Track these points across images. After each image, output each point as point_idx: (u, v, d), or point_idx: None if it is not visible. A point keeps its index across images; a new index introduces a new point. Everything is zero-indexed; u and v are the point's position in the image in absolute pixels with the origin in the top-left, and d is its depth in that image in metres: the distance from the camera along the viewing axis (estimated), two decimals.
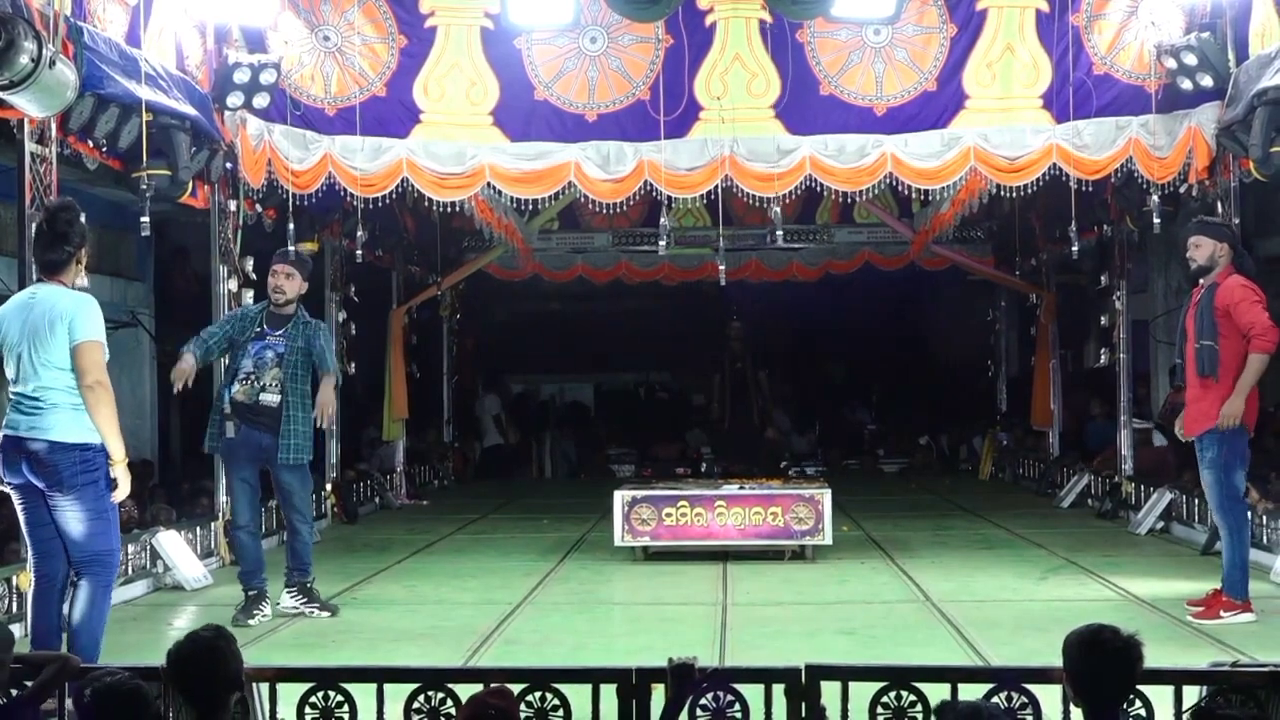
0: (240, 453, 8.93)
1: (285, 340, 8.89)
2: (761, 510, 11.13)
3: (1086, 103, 11.20)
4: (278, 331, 8.93)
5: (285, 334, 8.93)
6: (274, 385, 8.83)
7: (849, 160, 11.37)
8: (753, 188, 11.50)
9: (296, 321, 9.00)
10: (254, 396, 8.82)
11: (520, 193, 11.74)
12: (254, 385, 8.81)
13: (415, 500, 16.90)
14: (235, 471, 9.00)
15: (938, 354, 23.28)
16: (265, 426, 8.84)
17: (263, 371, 8.85)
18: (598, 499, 13.81)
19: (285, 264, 9.11)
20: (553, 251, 19.12)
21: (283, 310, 9.01)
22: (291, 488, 8.99)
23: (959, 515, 14.72)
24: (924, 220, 16.58)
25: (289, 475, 8.95)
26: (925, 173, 11.40)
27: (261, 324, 8.96)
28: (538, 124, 11.49)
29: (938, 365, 23.19)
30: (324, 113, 11.47)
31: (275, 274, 9.06)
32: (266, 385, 8.82)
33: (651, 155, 11.36)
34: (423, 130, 11.46)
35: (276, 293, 9.01)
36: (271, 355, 8.87)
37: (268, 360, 8.86)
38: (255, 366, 8.86)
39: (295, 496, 9.01)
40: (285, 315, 9.01)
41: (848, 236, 18.91)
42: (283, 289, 8.98)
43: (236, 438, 8.87)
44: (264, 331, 8.93)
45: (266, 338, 8.91)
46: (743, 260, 18.82)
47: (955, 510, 15.21)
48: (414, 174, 11.42)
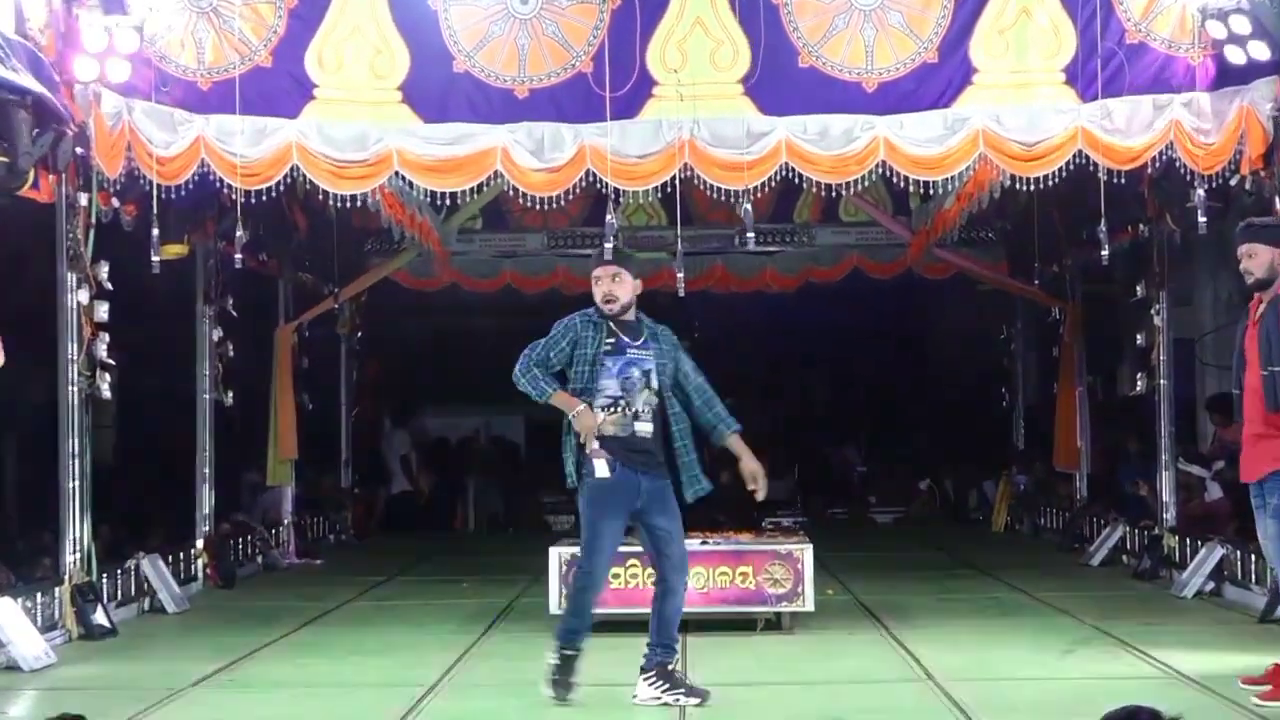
0: (616, 498, 8.67)
1: (653, 355, 8.71)
2: (729, 570, 11.13)
3: (1118, 77, 11.29)
4: (637, 343, 8.75)
5: (649, 347, 8.74)
6: (646, 411, 8.65)
7: (833, 146, 11.41)
8: (718, 179, 11.52)
9: (649, 332, 8.81)
10: (628, 427, 8.66)
11: (435, 184, 11.73)
12: (625, 413, 8.65)
13: (306, 560, 16.82)
14: (607, 519, 8.71)
15: (941, 380, 23.42)
16: (642, 465, 8.67)
17: (633, 395, 8.66)
18: (529, 557, 13.74)
19: (608, 265, 8.87)
20: (475, 256, 19.12)
21: (625, 319, 8.78)
22: (673, 534, 8.74)
23: (967, 575, 14.77)
24: (924, 219, 16.67)
25: (674, 520, 8.73)
26: (925, 161, 11.45)
27: (614, 333, 8.76)
28: (457, 101, 11.48)
29: (941, 394, 23.31)
30: (196, 87, 11.42)
31: (599, 280, 8.82)
32: (639, 413, 8.65)
33: (595, 139, 11.37)
34: (317, 108, 11.43)
35: (609, 302, 8.78)
36: (638, 374, 8.68)
37: (635, 380, 8.68)
38: (624, 390, 8.68)
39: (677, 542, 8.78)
40: (633, 323, 8.81)
41: (832, 238, 19.00)
42: (614, 295, 8.75)
43: (612, 477, 8.64)
44: (621, 342, 8.75)
45: (627, 351, 8.73)
46: (706, 266, 18.88)
47: (963, 569, 15.26)
48: (306, 161, 11.39)
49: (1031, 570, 14.69)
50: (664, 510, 8.69)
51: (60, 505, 11.39)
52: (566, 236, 18.70)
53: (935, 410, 22.93)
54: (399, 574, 15.59)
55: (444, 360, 23.15)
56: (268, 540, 16.34)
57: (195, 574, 14.29)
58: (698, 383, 8.81)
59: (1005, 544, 17.96)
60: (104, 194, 11.67)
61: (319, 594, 14.02)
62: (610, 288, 8.76)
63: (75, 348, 11.41)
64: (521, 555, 15.27)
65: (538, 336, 9.04)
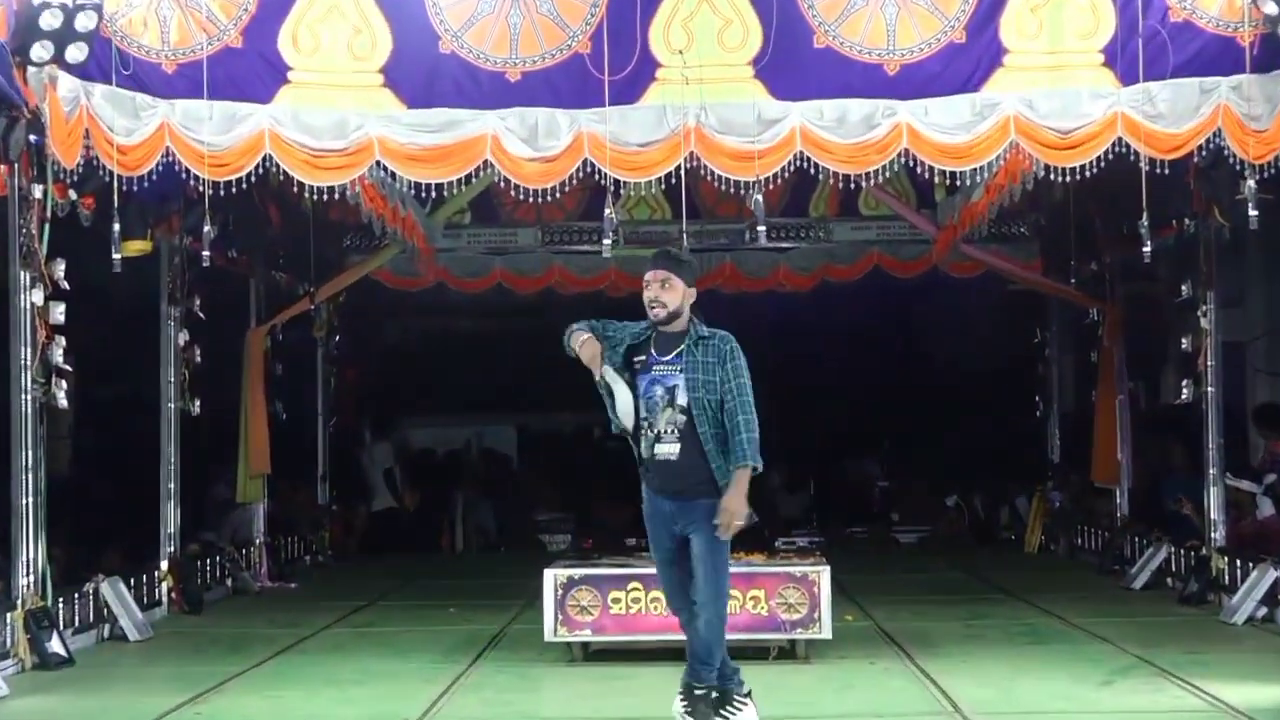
0: (651, 521, 8.83)
1: (683, 371, 8.64)
2: (739, 594, 11.08)
3: (1160, 59, 11.27)
4: (666, 358, 8.69)
5: (679, 361, 8.68)
6: (671, 434, 8.62)
7: (852, 133, 11.40)
8: (726, 169, 11.50)
9: (693, 340, 8.69)
10: (650, 449, 8.67)
11: (420, 175, 11.70)
12: (648, 435, 8.65)
13: (280, 583, 16.80)
14: (654, 551, 8.93)
15: (969, 388, 23.33)
16: (664, 489, 8.68)
17: (655, 415, 8.64)
18: (522, 580, 13.72)
19: (658, 269, 8.75)
20: (463, 253, 19.13)
21: (670, 328, 8.72)
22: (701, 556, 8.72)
23: (998, 599, 14.73)
24: (950, 212, 16.62)
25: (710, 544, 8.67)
26: (952, 149, 11.44)
27: (649, 347, 8.75)
28: (443, 85, 11.47)
29: (969, 403, 23.26)
30: (161, 70, 11.40)
31: (648, 285, 8.71)
32: (662, 435, 8.63)
33: (593, 126, 11.36)
34: (291, 93, 11.43)
35: (655, 307, 8.71)
36: (661, 392, 8.64)
37: (657, 399, 8.65)
38: (648, 411, 8.66)
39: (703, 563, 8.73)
40: (676, 334, 8.73)
41: (850, 233, 19.02)
42: (661, 301, 8.67)
43: (649, 506, 8.79)
44: (650, 359, 8.72)
45: (652, 368, 8.70)
46: (713, 264, 18.85)
47: (993, 593, 15.23)
48: (279, 150, 11.38)
49: (1068, 594, 14.66)
50: (698, 530, 8.64)
51: (12, 523, 11.37)
52: (562, 232, 18.69)
53: (963, 421, 22.84)
54: (380, 598, 15.56)
55: (429, 366, 23.14)
56: (238, 562, 16.31)
57: (159, 598, 14.24)
58: (729, 407, 8.57)
59: (1039, 566, 17.92)
60: (60, 186, 11.62)
61: (293, 620, 13.97)
62: (658, 293, 8.66)
63: (29, 352, 11.38)
64: (514, 578, 15.24)
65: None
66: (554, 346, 9.24)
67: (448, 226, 18.28)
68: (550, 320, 22.90)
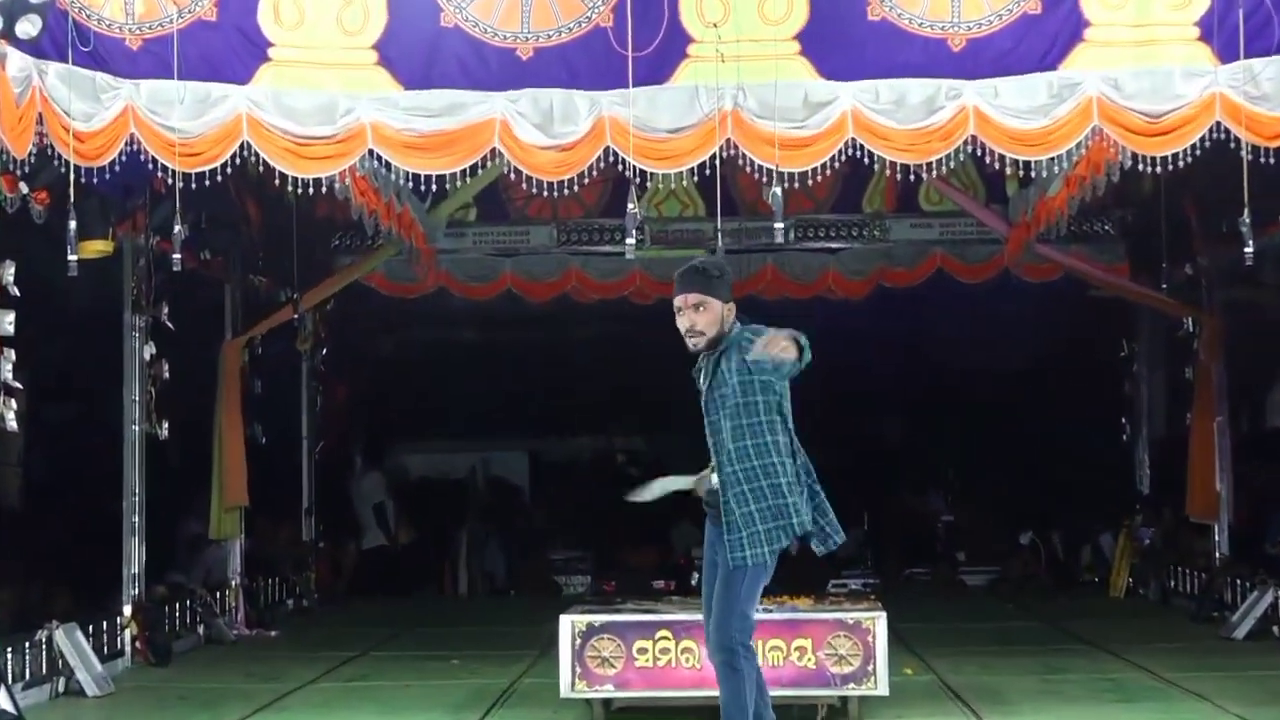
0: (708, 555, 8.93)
1: (715, 391, 8.71)
2: (782, 644, 11.09)
3: (1265, 32, 11.21)
4: (706, 383, 8.77)
5: (712, 382, 8.74)
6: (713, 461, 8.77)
7: (911, 118, 11.36)
8: (767, 159, 11.43)
9: (720, 357, 8.71)
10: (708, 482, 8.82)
11: (419, 166, 11.70)
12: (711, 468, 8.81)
13: (259, 630, 16.83)
14: (705, 581, 8.97)
15: (1046, 409, 23.33)
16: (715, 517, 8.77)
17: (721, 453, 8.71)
18: (535, 626, 13.75)
19: (688, 291, 8.73)
20: (467, 254, 19.18)
21: (713, 353, 8.75)
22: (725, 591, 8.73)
23: (1078, 651, 14.70)
24: (1023, 208, 16.63)
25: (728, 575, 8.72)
26: (1025, 136, 11.40)
27: (698, 380, 8.86)
28: (445, 63, 11.45)
29: (1046, 426, 23.25)
30: (124, 46, 11.38)
31: (680, 311, 8.72)
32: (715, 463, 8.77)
33: (616, 110, 11.33)
34: (273, 72, 11.41)
35: (692, 338, 8.75)
36: (708, 423, 8.77)
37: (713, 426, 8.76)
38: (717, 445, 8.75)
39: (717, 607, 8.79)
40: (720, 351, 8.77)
41: (909, 232, 19.04)
42: (698, 330, 8.70)
43: (708, 536, 8.90)
44: (700, 391, 8.83)
45: (703, 397, 8.79)
46: (753, 267, 18.87)
47: (1073, 643, 15.20)
48: (259, 138, 11.36)
49: (1159, 645, 14.65)
50: (721, 564, 8.66)
51: None
52: (580, 230, 18.73)
53: (1039, 447, 22.82)
54: (373, 648, 15.57)
55: (429, 383, 23.16)
56: (211, 607, 16.32)
57: (121, 648, 14.26)
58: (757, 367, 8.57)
59: (1126, 612, 17.89)
60: (9, 178, 11.67)
61: (273, 673, 14.00)
62: (693, 320, 8.67)
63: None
64: (526, 625, 15.27)
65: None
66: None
67: (450, 225, 18.32)
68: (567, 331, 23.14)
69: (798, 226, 18.45)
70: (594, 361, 22.34)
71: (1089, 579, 20.46)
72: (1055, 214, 15.66)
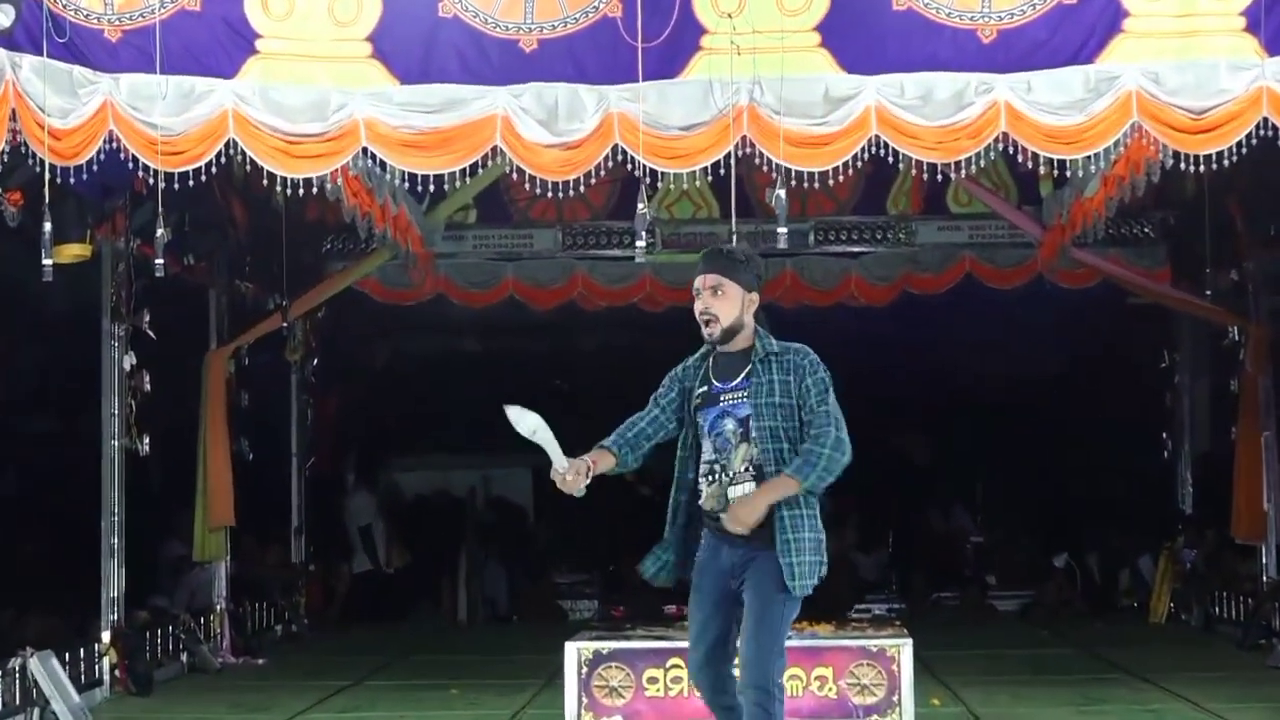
0: (704, 580, 8.78)
1: (750, 396, 8.60)
2: (802, 673, 11.16)
3: None
4: (732, 383, 8.65)
5: (747, 384, 8.62)
6: (746, 472, 8.57)
7: (939, 114, 11.42)
8: (786, 158, 11.47)
9: (758, 358, 8.61)
10: (723, 499, 8.60)
11: (415, 165, 11.77)
12: (722, 481, 8.60)
13: (245, 658, 16.86)
14: (694, 606, 8.80)
15: (1082, 424, 23.37)
16: (737, 538, 8.61)
17: (728, 456, 8.60)
18: (539, 654, 13.79)
19: (709, 272, 8.62)
20: (467, 259, 19.25)
21: (730, 347, 8.66)
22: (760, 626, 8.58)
23: (1116, 680, 14.73)
24: (1058, 210, 16.65)
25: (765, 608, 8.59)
26: (1060, 133, 11.45)
27: (708, 376, 8.73)
28: (443, 56, 11.52)
29: (1082, 441, 23.28)
30: (103, 37, 11.45)
31: (697, 294, 8.64)
32: (736, 475, 8.57)
33: (625, 106, 11.39)
34: (261, 65, 11.48)
35: (708, 321, 8.63)
36: (733, 426, 8.60)
37: (729, 436, 8.60)
38: (717, 450, 8.64)
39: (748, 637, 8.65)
40: (740, 353, 8.67)
41: (936, 235, 19.10)
42: (713, 314, 8.58)
43: (704, 555, 8.76)
44: (714, 389, 8.67)
45: (720, 399, 8.64)
46: (772, 272, 18.84)
47: (1111, 672, 15.22)
48: (246, 135, 11.43)
49: (1202, 674, 14.67)
50: (755, 587, 8.55)
51: None
52: (587, 233, 18.78)
53: (1074, 463, 22.86)
54: (367, 677, 15.60)
55: (426, 396, 23.17)
56: (195, 633, 16.34)
57: (100, 677, 14.32)
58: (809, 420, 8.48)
59: (1167, 639, 17.88)
60: None
61: (261, 703, 14.04)
62: (709, 303, 8.56)
63: None
64: (529, 652, 15.29)
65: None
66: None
67: (448, 227, 18.37)
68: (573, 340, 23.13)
69: (818, 229, 18.51)
70: (602, 372, 22.35)
71: (1127, 604, 20.44)
72: (1092, 216, 15.65)
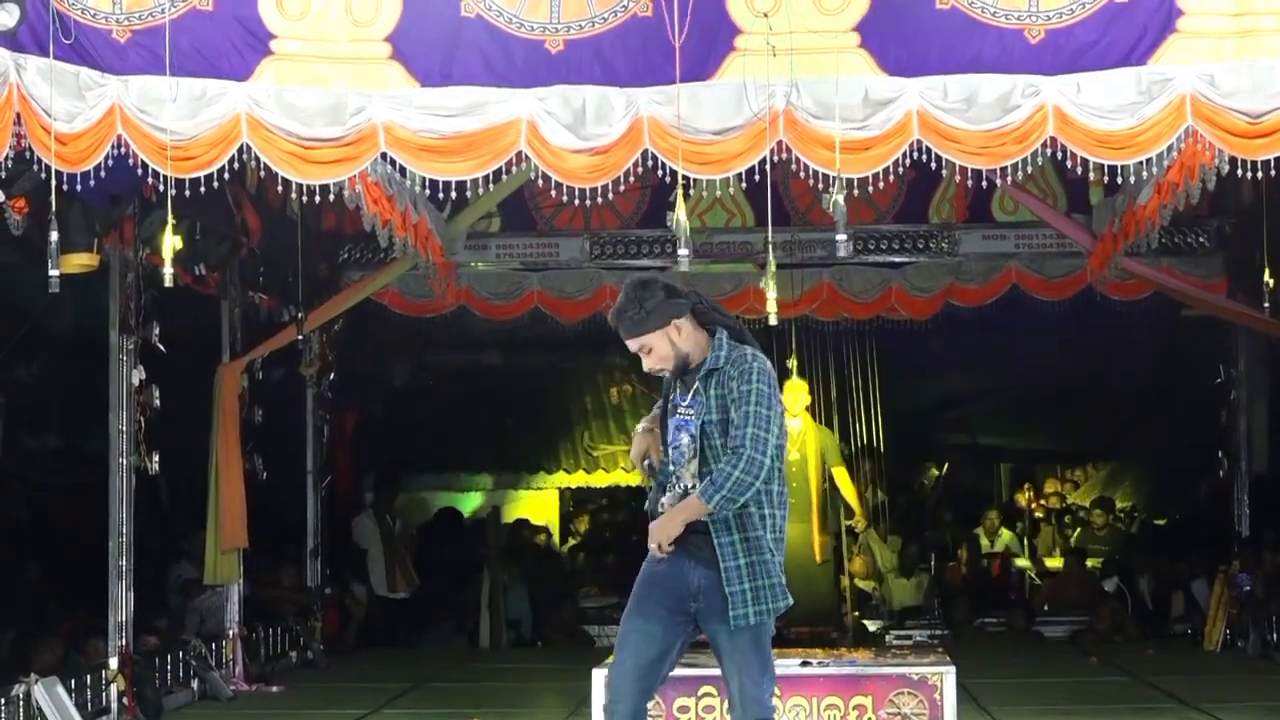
0: (654, 590, 8.91)
1: (696, 414, 8.80)
2: (840, 702, 11.10)
3: None
4: (687, 399, 8.89)
5: (694, 402, 8.84)
6: (695, 487, 8.73)
7: (984, 117, 11.31)
8: (823, 163, 11.39)
9: (701, 376, 8.83)
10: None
11: (437, 171, 11.67)
12: (677, 493, 8.82)
13: (259, 685, 16.79)
14: (636, 615, 8.91)
15: (1133, 441, 23.31)
16: (697, 553, 8.77)
17: (681, 469, 8.82)
18: (565, 681, 13.76)
19: (626, 339, 8.95)
20: (490, 269, 19.22)
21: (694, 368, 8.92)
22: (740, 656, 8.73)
23: (1169, 709, 14.67)
24: (1109, 218, 16.60)
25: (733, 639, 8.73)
26: (1111, 138, 11.34)
27: (676, 387, 9.00)
28: (466, 57, 11.43)
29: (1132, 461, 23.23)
30: (111, 38, 11.37)
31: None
32: (688, 491, 8.76)
33: (656, 109, 11.32)
34: (275, 67, 11.40)
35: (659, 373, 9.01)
36: (686, 440, 8.83)
37: (683, 449, 8.84)
38: (674, 463, 8.88)
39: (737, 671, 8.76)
40: (697, 367, 8.89)
41: (981, 244, 18.98)
42: (656, 368, 8.95)
43: (661, 566, 8.87)
44: (675, 400, 8.96)
45: (679, 411, 8.91)
46: (808, 284, 18.86)
47: (1163, 701, 15.16)
48: (259, 140, 11.36)
49: (1259, 704, 14.57)
50: (716, 623, 8.68)
51: None
52: (615, 242, 18.75)
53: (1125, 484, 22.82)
54: (384, 705, 15.56)
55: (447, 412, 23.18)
56: (206, 659, 16.26)
57: (107, 705, 14.22)
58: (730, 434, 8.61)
59: (1222, 667, 17.79)
60: None
61: None
62: (648, 363, 8.90)
63: None
64: (554, 679, 15.27)
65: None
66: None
67: (471, 236, 18.28)
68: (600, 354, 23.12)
69: (857, 238, 18.31)
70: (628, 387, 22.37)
71: (1181, 630, 20.35)
72: (1144, 225, 15.57)
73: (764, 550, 8.61)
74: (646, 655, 8.73)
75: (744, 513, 8.61)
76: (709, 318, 8.92)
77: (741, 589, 8.54)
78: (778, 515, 8.71)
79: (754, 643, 8.64)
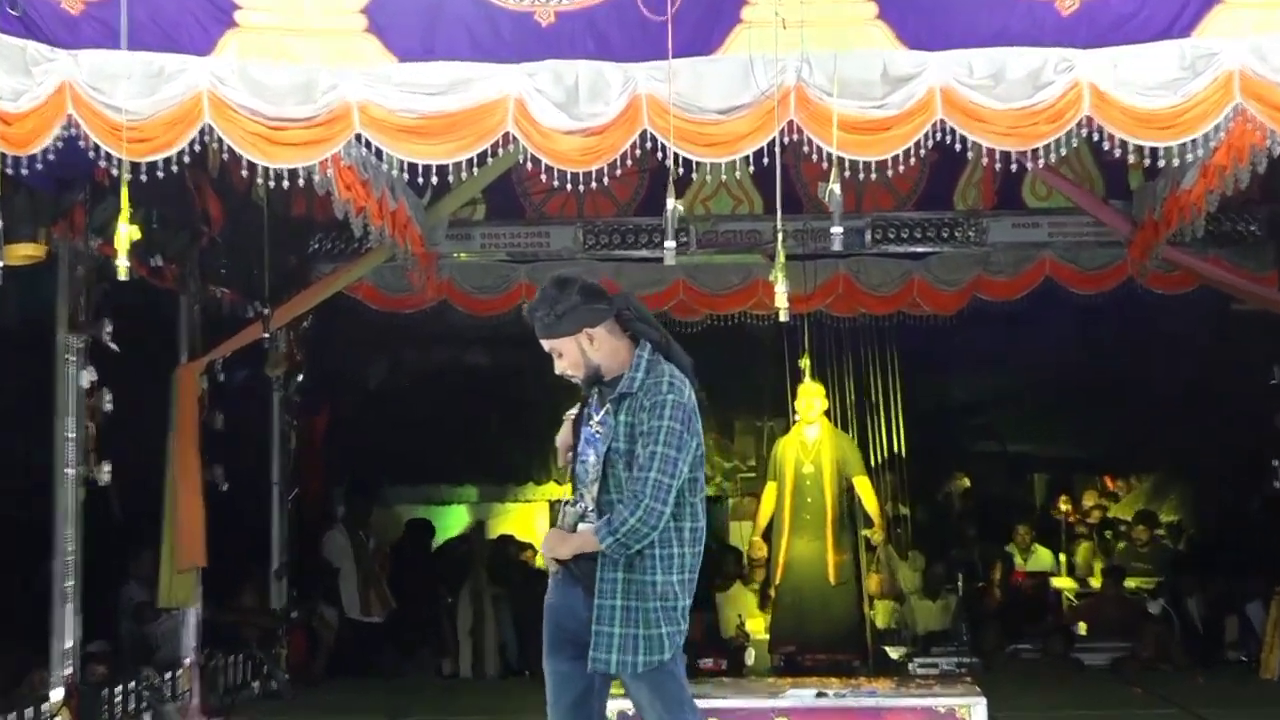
0: (557, 630, 9.19)
1: (604, 436, 9.00)
2: None
3: None
4: (600, 414, 9.13)
5: (606, 423, 9.03)
6: (594, 511, 8.94)
7: (1013, 95, 11.32)
8: (840, 146, 11.38)
9: (613, 399, 9.06)
10: (574, 528, 9.01)
11: (416, 154, 11.69)
12: (578, 511, 9.01)
13: (217, 718, 16.80)
14: (549, 656, 9.27)
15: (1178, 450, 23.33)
16: (588, 582, 8.94)
17: (585, 486, 9.03)
18: None
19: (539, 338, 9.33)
20: (475, 260, 19.28)
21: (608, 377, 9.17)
22: (639, 702, 9.08)
23: None
24: (1150, 204, 16.62)
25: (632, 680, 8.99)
26: (1152, 117, 11.35)
27: (593, 397, 9.27)
28: (449, 30, 11.45)
29: (1179, 472, 23.24)
30: (61, 10, 11.38)
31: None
32: (588, 512, 8.96)
33: (654, 86, 11.31)
34: (240, 40, 11.42)
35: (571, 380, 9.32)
36: (593, 459, 9.01)
37: (588, 468, 9.03)
38: (578, 478, 9.11)
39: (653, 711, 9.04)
40: (612, 383, 9.12)
41: (1011, 233, 19.00)
42: (565, 374, 9.27)
43: (554, 598, 9.13)
44: (591, 409, 9.25)
45: (591, 423, 9.18)
46: (821, 276, 18.86)
47: None
48: (222, 120, 11.37)
49: None
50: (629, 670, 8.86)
51: None
52: (611, 231, 18.72)
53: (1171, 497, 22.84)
54: None
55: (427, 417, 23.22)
56: (160, 689, 16.30)
57: None
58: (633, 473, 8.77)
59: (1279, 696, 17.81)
60: None
61: None
62: (558, 367, 9.24)
63: None
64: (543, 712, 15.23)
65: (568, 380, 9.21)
66: None
67: (453, 224, 18.39)
68: None
69: (875, 227, 18.42)
70: None
71: (1234, 657, 20.36)
72: (1189, 212, 15.57)
73: (649, 596, 8.75)
74: (569, 696, 9.14)
75: (641, 552, 8.73)
76: (634, 328, 9.06)
77: (609, 631, 8.77)
78: (687, 554, 8.84)
79: (657, 685, 8.92)
